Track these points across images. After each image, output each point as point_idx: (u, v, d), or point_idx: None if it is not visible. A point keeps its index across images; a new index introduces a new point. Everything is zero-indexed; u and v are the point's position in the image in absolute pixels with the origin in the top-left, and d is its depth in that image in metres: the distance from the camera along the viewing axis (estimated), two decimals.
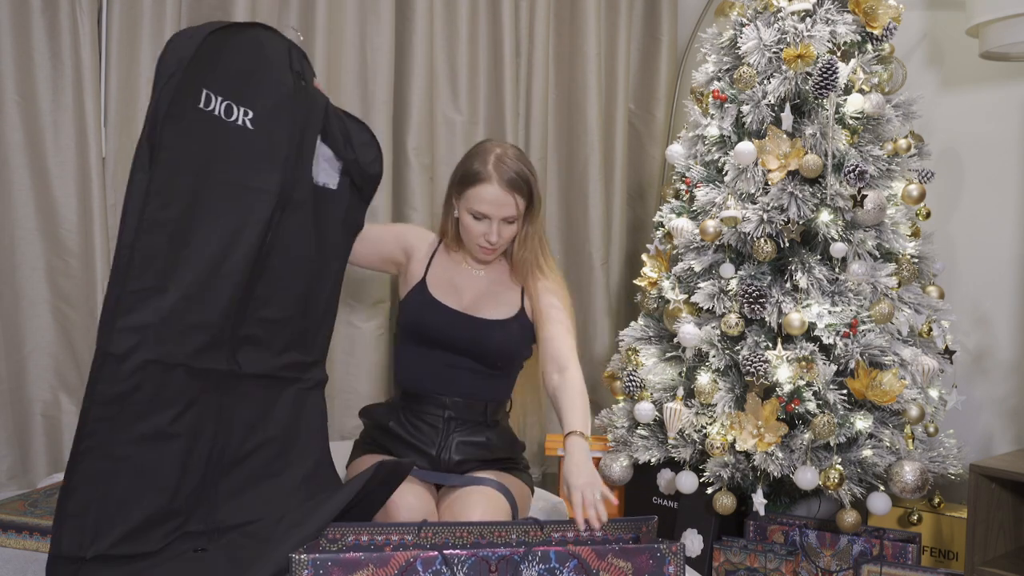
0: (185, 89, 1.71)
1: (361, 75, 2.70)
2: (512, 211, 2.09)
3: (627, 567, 1.65)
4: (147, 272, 1.67)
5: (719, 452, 2.21)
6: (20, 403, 2.32)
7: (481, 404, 2.13)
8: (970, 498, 2.13)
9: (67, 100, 2.31)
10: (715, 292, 2.30)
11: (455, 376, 2.12)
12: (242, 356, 1.88)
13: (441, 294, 2.15)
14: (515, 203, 2.08)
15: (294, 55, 1.96)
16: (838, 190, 2.20)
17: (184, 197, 1.73)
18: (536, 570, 1.61)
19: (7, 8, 2.26)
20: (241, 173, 1.83)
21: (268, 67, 1.89)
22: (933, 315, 2.34)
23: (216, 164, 1.79)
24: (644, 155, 3.34)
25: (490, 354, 2.12)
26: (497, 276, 2.21)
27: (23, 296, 2.31)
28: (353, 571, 1.53)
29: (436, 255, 2.22)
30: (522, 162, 2.12)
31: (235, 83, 1.82)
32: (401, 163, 2.79)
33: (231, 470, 1.88)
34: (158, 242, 1.69)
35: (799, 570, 2.27)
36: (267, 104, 1.88)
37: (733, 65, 2.41)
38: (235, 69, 1.81)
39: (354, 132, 2.09)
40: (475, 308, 2.14)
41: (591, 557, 1.63)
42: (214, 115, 1.78)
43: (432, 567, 1.57)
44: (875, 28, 2.31)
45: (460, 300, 2.15)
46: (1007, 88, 2.60)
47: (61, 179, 2.31)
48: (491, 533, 1.73)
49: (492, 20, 2.93)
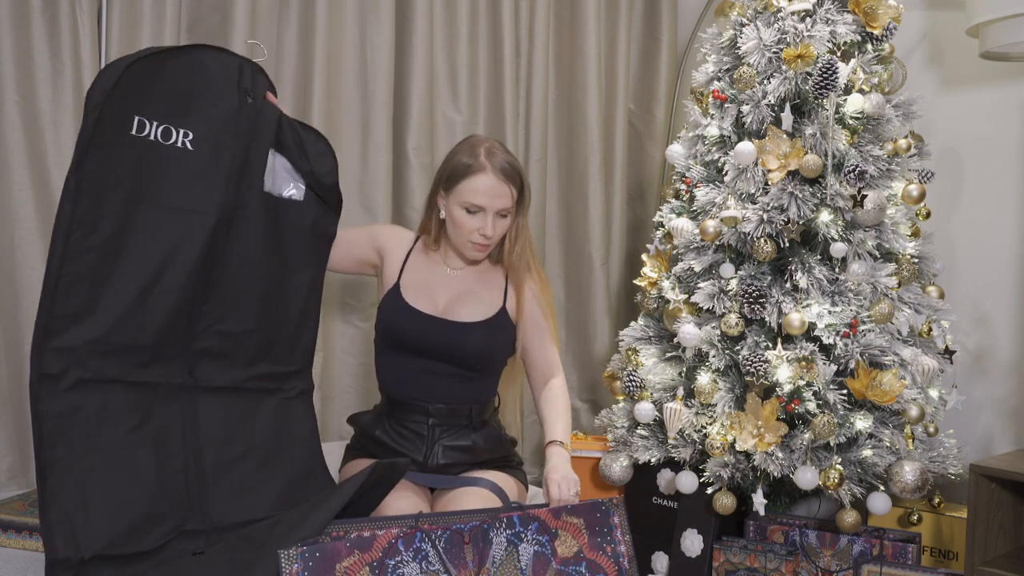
0: (111, 118, 1.77)
1: (361, 75, 2.70)
2: (507, 202, 2.07)
3: (580, 523, 1.91)
4: (73, 297, 1.74)
5: (719, 452, 2.21)
6: (20, 403, 2.32)
7: (465, 408, 2.11)
8: (970, 498, 2.13)
9: (67, 100, 2.31)
10: (715, 292, 2.29)
11: (435, 382, 2.09)
12: (200, 370, 1.93)
13: (415, 298, 2.11)
14: (510, 193, 2.07)
15: (246, 72, 1.99)
16: (838, 190, 2.20)
17: (111, 222, 1.79)
18: (504, 535, 1.81)
19: (7, 8, 2.26)
20: (177, 195, 1.87)
21: (210, 87, 1.93)
22: (933, 315, 2.34)
23: (148, 188, 1.84)
24: (644, 155, 3.34)
25: (468, 358, 2.09)
26: (475, 275, 2.18)
27: (23, 296, 2.31)
28: (340, 559, 1.61)
29: (411, 255, 2.18)
30: (510, 153, 2.13)
31: (173, 106, 1.87)
32: (401, 163, 2.80)
33: (219, 476, 1.90)
34: (83, 268, 1.75)
35: (799, 570, 2.27)
36: (209, 124, 1.92)
37: (733, 65, 2.41)
38: (174, 92, 1.86)
39: (309, 143, 2.09)
40: (451, 311, 2.11)
41: (548, 518, 1.88)
42: (148, 140, 1.83)
43: (413, 544, 1.70)
44: (875, 28, 2.31)
45: (435, 303, 2.12)
46: (1007, 88, 2.60)
47: (61, 179, 2.30)
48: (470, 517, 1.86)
49: (492, 20, 2.93)
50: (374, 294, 2.70)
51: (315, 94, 2.60)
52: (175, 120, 1.87)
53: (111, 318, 1.78)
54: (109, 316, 1.78)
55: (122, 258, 1.80)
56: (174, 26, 2.42)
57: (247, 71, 1.99)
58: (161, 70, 1.84)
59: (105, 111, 1.75)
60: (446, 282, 2.15)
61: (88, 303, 1.76)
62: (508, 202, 2.07)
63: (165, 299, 1.85)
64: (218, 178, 1.92)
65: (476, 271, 2.18)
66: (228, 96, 1.94)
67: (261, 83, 2.03)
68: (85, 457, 1.71)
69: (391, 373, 2.14)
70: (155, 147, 1.84)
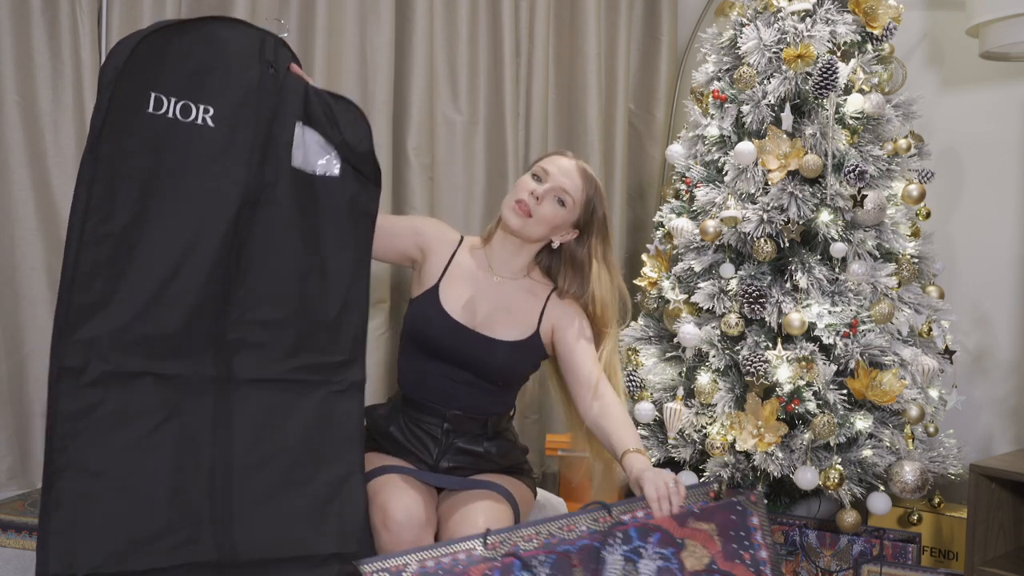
0: (126, 95, 1.68)
1: (361, 75, 2.70)
2: (572, 187, 2.01)
3: (711, 528, 1.60)
4: (93, 286, 1.66)
5: (719, 452, 2.21)
6: (20, 403, 2.31)
7: (482, 418, 2.07)
8: (970, 498, 2.13)
9: (67, 100, 2.31)
10: (715, 292, 2.29)
11: (455, 389, 2.05)
12: (238, 362, 1.83)
13: (452, 304, 2.04)
14: (581, 186, 2.02)
15: (267, 45, 1.88)
16: (838, 190, 2.20)
17: (129, 208, 1.71)
18: (620, 552, 1.54)
19: (7, 8, 2.25)
20: (198, 174, 1.78)
21: (230, 61, 1.82)
22: (933, 315, 2.34)
23: (168, 169, 1.75)
24: (644, 155, 3.34)
25: (492, 373, 2.04)
26: (519, 289, 2.10)
27: (23, 296, 2.30)
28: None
29: (456, 256, 2.11)
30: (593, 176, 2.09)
31: (191, 81, 1.77)
32: (401, 163, 2.79)
33: (246, 479, 1.80)
34: (102, 256, 1.67)
35: (799, 570, 2.27)
36: (230, 99, 1.82)
37: (733, 65, 2.41)
38: (190, 67, 1.76)
39: (339, 112, 1.99)
40: (487, 325, 2.04)
41: (672, 527, 1.57)
42: (167, 117, 1.74)
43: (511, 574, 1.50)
44: (875, 28, 2.31)
45: (473, 314, 2.05)
46: (1007, 88, 2.60)
47: (61, 179, 2.31)
48: (559, 529, 1.64)
49: (492, 20, 2.93)
50: (375, 294, 2.70)
51: None
52: (194, 95, 1.77)
53: (135, 306, 1.70)
54: (132, 304, 1.70)
55: (143, 243, 1.72)
56: None
57: (269, 43, 1.88)
58: (176, 43, 1.75)
59: (118, 88, 1.66)
60: (487, 292, 2.08)
61: (109, 292, 1.68)
62: (573, 188, 2.01)
63: (191, 285, 1.75)
64: (241, 155, 1.82)
65: (520, 285, 2.10)
66: (250, 69, 1.84)
67: (284, 56, 1.92)
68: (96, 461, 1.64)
69: (412, 373, 2.10)
70: (174, 125, 1.75)
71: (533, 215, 2.00)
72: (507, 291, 2.08)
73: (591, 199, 2.03)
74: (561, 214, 2.01)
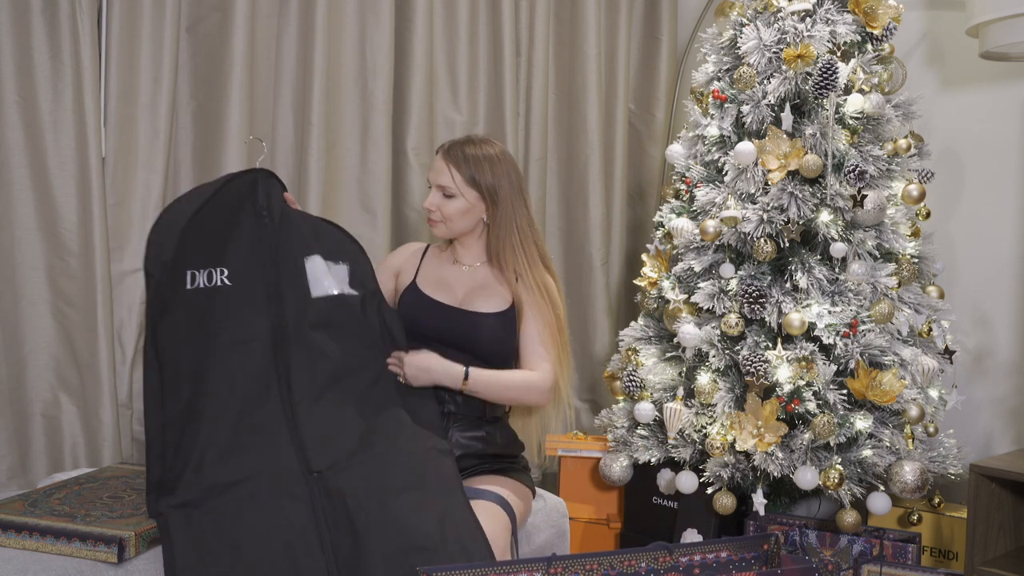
0: (170, 280, 1.85)
1: (361, 75, 2.70)
2: (447, 180, 2.15)
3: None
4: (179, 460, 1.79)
5: (719, 452, 2.21)
6: (20, 403, 2.31)
7: (479, 400, 2.13)
8: (970, 498, 2.13)
9: (67, 100, 2.31)
10: (715, 292, 2.30)
11: None
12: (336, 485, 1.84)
13: (433, 291, 2.19)
14: (449, 173, 2.14)
15: (259, 188, 2.02)
16: (838, 190, 2.20)
17: (190, 379, 1.85)
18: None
19: (7, 8, 2.25)
20: (230, 331, 1.91)
21: (234, 219, 1.98)
22: (933, 315, 2.34)
23: (207, 332, 1.89)
24: (644, 155, 3.34)
25: (482, 347, 2.13)
26: (489, 271, 2.23)
27: (23, 296, 2.30)
28: None
29: (425, 257, 2.28)
30: (479, 146, 2.17)
31: (209, 249, 1.92)
32: (401, 163, 2.80)
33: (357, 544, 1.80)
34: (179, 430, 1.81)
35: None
36: (239, 253, 1.96)
37: (733, 65, 2.41)
38: (206, 235, 1.92)
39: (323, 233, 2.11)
40: (468, 302, 2.17)
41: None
42: (200, 288, 1.90)
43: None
44: (875, 28, 2.31)
45: (454, 295, 2.19)
46: (1007, 88, 2.60)
47: (61, 179, 2.31)
48: (620, 563, 1.71)
49: (492, 20, 2.93)
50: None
51: (315, 94, 2.60)
52: (213, 262, 1.92)
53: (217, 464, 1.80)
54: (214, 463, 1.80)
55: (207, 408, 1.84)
56: (174, 26, 2.41)
57: (260, 185, 2.03)
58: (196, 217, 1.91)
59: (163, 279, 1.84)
60: (461, 277, 2.22)
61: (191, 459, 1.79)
62: (447, 181, 2.15)
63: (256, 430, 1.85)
64: (260, 302, 1.96)
65: (488, 270, 2.23)
66: (248, 219, 2.00)
67: (276, 192, 2.05)
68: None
69: None
70: (202, 293, 1.90)
71: (443, 220, 2.18)
72: (478, 275, 2.23)
73: (473, 176, 2.16)
74: (458, 204, 2.16)
